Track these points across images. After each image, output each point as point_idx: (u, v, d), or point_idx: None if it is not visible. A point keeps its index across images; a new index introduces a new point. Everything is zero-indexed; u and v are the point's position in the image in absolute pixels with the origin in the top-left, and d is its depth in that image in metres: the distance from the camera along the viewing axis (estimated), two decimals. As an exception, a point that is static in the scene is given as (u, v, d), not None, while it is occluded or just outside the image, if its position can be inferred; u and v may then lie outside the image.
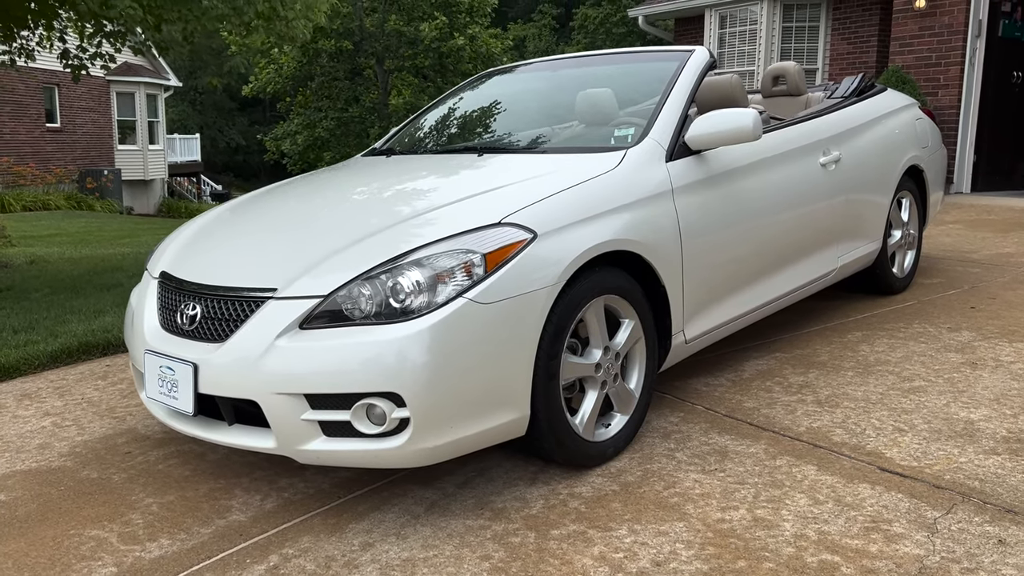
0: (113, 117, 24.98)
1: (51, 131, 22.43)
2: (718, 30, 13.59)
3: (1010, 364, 3.55)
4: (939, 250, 6.04)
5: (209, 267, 2.77)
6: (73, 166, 22.78)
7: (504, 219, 2.55)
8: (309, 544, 2.42)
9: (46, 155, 22.05)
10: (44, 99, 22.29)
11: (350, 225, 2.71)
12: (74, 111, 23.37)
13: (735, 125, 3.09)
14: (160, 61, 26.93)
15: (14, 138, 21.12)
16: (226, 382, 2.46)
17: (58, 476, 2.97)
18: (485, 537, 2.41)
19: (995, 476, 2.58)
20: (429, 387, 2.30)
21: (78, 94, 23.33)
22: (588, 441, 2.74)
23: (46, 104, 22.42)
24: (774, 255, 3.56)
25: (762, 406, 3.24)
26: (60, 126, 22.84)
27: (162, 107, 26.73)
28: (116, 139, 25.16)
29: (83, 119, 23.66)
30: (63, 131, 22.91)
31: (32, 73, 21.06)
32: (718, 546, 2.29)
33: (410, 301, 2.37)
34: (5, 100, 20.73)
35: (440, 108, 4.14)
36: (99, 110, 24.36)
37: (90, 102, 23.99)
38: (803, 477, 2.65)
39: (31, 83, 21.45)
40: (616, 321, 2.88)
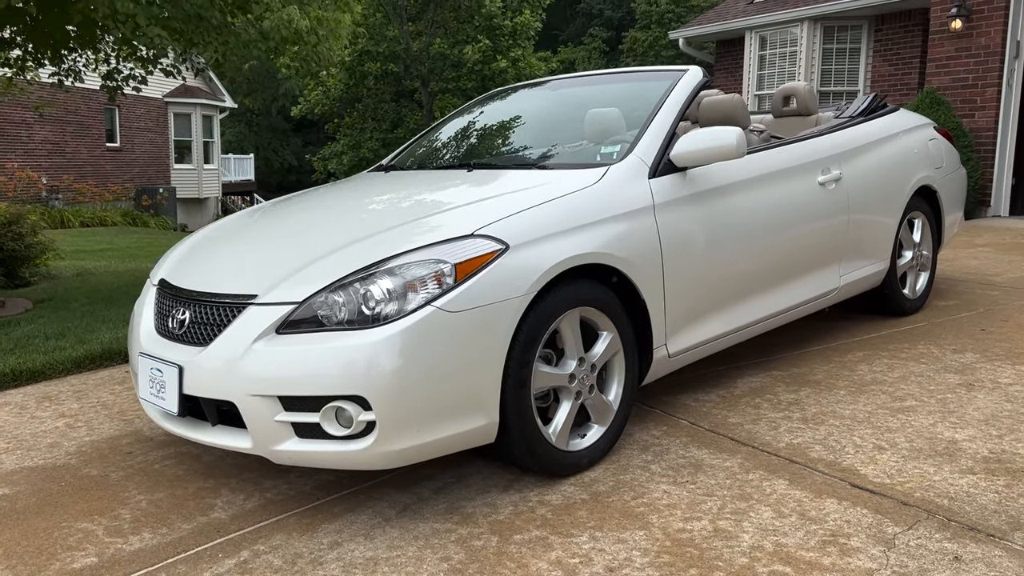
0: (170, 137, 25.76)
1: (111, 150, 23.23)
2: (758, 52, 13.57)
3: (1008, 386, 3.50)
4: (963, 272, 5.95)
5: (201, 275, 2.91)
6: (130, 184, 23.54)
7: (477, 231, 2.63)
8: (281, 542, 2.51)
9: (105, 173, 22.83)
10: (105, 119, 23.11)
11: (332, 236, 2.82)
12: (133, 131, 24.18)
13: (719, 143, 3.13)
14: (216, 83, 27.80)
15: (76, 157, 21.92)
16: (207, 384, 2.58)
17: (61, 473, 3.12)
18: (449, 540, 2.47)
19: (966, 495, 2.56)
20: (394, 391, 2.38)
21: (137, 115, 24.15)
22: (561, 450, 2.79)
23: (107, 124, 23.24)
24: (767, 272, 3.57)
25: (746, 422, 3.25)
26: (119, 145, 23.64)
27: (217, 128, 27.50)
28: (172, 158, 25.93)
29: (141, 139, 24.45)
30: (122, 150, 23.70)
31: (94, 95, 21.90)
32: (673, 554, 2.32)
33: (381, 308, 2.46)
34: (68, 120, 21.56)
35: (444, 127, 4.26)
36: (157, 130, 25.15)
37: (148, 122, 24.80)
38: (772, 491, 2.66)
39: (93, 104, 22.28)
40: (595, 333, 2.93)
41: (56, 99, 20.76)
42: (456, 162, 3.73)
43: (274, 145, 44.66)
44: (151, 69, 6.07)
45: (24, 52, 6.63)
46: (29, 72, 7.21)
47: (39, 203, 19.63)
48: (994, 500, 2.52)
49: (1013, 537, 2.30)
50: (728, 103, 4.19)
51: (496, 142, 3.91)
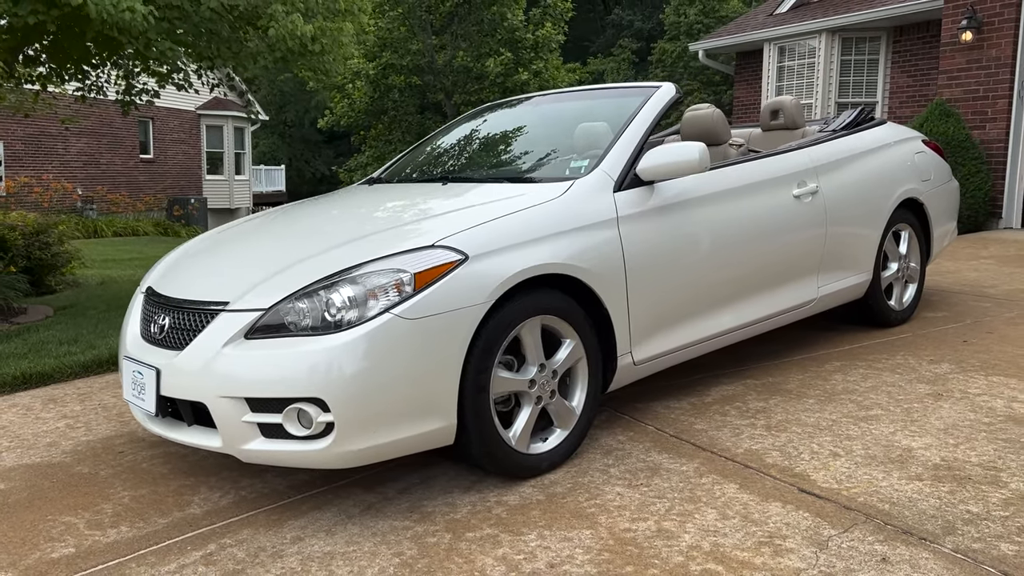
0: (202, 149, 26.29)
1: (144, 162, 23.77)
2: (777, 63, 13.59)
3: (975, 396, 3.55)
4: (959, 284, 5.96)
5: (182, 283, 3.07)
6: (162, 195, 24.05)
7: (437, 242, 2.76)
8: (247, 536, 2.65)
9: (138, 184, 23.37)
10: (139, 132, 23.66)
11: (304, 246, 2.97)
12: (166, 143, 24.71)
13: (681, 158, 3.24)
14: (249, 96, 28.34)
15: (110, 168, 22.47)
16: (182, 386, 2.73)
17: (55, 470, 3.29)
18: (405, 537, 2.59)
19: (908, 500, 2.63)
20: (351, 394, 2.51)
21: (171, 127, 24.69)
22: (521, 453, 2.91)
23: (140, 136, 23.79)
24: (738, 283, 3.66)
25: (711, 428, 3.34)
26: (152, 157, 24.17)
27: (248, 139, 27.98)
28: (205, 169, 26.45)
29: (174, 150, 24.98)
30: (155, 162, 24.24)
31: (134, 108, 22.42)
32: (614, 552, 2.42)
33: (342, 315, 2.60)
34: (103, 133, 22.12)
35: (431, 142, 4.41)
36: (189, 142, 25.68)
37: (181, 134, 25.33)
38: (721, 494, 2.75)
39: (127, 117, 22.80)
40: (559, 340, 3.04)
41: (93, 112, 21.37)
42: (435, 176, 3.87)
43: (306, 156, 45.30)
44: (163, 84, 6.30)
45: (49, 69, 6.90)
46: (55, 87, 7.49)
47: (74, 213, 20.17)
48: (934, 506, 2.58)
49: (944, 541, 2.37)
50: (708, 118, 4.29)
51: (473, 157, 4.04)
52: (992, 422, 3.25)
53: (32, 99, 7.78)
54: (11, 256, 8.47)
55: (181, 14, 5.31)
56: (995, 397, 3.53)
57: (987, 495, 2.64)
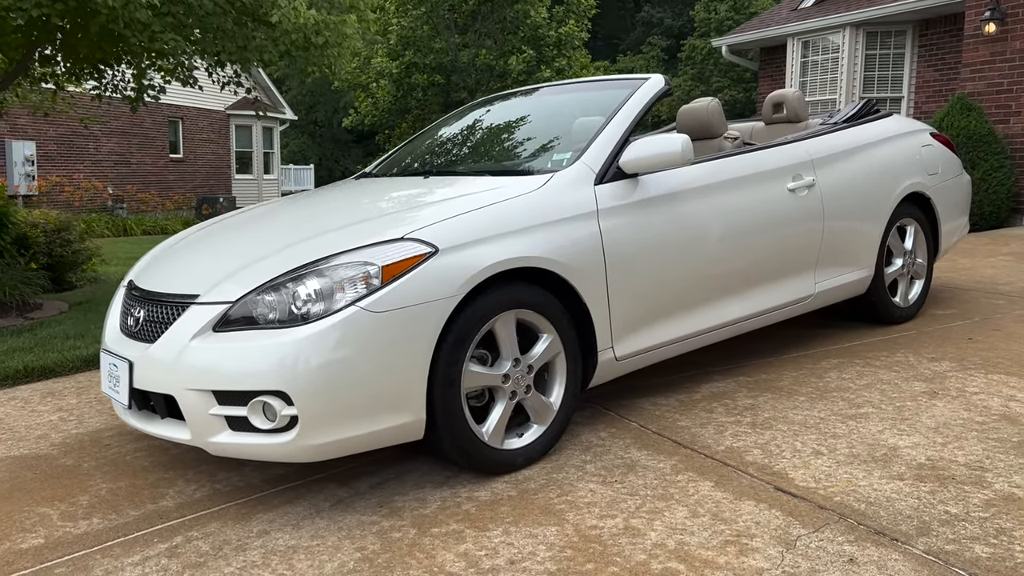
0: (231, 148, 26.56)
1: (174, 161, 24.07)
2: (800, 58, 13.40)
3: (972, 395, 3.45)
4: (973, 281, 5.81)
5: (160, 276, 3.08)
6: (192, 194, 24.34)
7: (407, 234, 2.73)
8: (215, 529, 2.65)
9: (168, 183, 23.67)
10: (169, 132, 23.97)
11: (278, 238, 2.96)
12: (196, 143, 25.00)
13: (664, 150, 3.18)
14: (277, 96, 28.58)
15: (140, 168, 22.78)
16: (152, 378, 2.74)
17: (40, 462, 3.32)
18: (370, 532, 2.57)
19: (886, 500, 2.56)
20: (315, 387, 2.50)
21: (200, 127, 24.98)
22: (495, 448, 2.87)
23: (170, 136, 24.09)
24: (728, 278, 3.59)
25: (695, 425, 3.28)
26: (182, 156, 24.47)
27: (277, 139, 28.22)
28: (234, 169, 26.72)
29: (203, 150, 25.27)
30: (184, 161, 24.53)
31: (158, 108, 22.76)
32: (577, 549, 2.38)
33: (308, 308, 2.59)
34: (134, 133, 22.43)
35: (423, 136, 4.39)
36: (219, 141, 25.96)
37: (211, 134, 25.61)
38: (695, 492, 2.70)
39: (158, 117, 23.13)
40: (536, 335, 3.01)
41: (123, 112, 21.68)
42: (420, 170, 3.84)
43: (336, 155, 45.66)
44: (169, 80, 6.36)
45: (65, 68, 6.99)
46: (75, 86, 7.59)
47: (104, 212, 20.49)
48: (912, 506, 2.51)
49: (916, 542, 2.29)
50: (704, 110, 4.22)
51: (460, 151, 4.02)
52: (985, 421, 3.16)
53: (51, 99, 7.88)
54: (32, 253, 8.60)
55: (185, 8, 5.35)
56: (992, 396, 3.43)
57: (968, 496, 2.56)
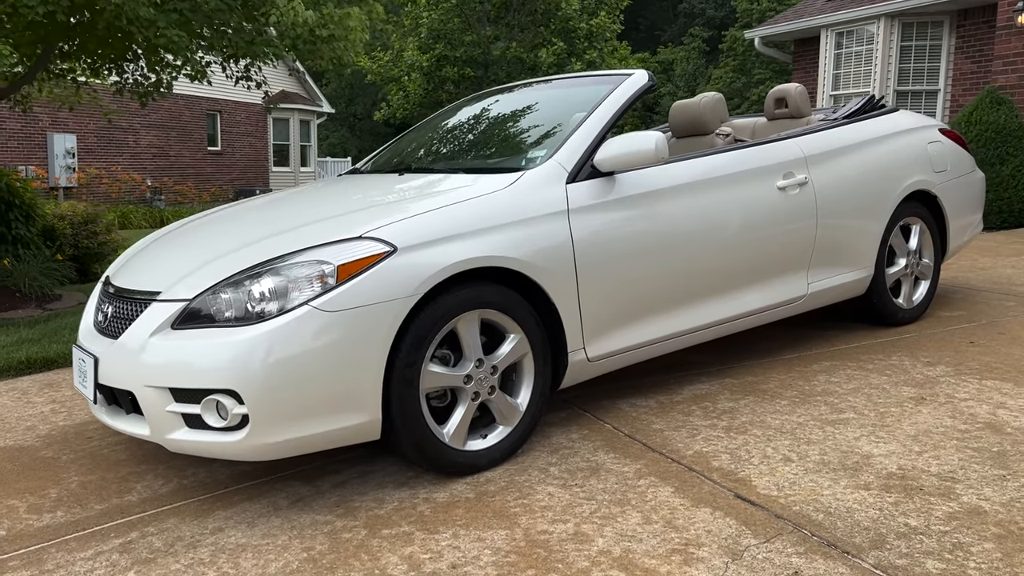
0: (269, 141, 26.85)
1: (212, 154, 24.41)
2: (834, 50, 13.13)
3: (960, 401, 3.34)
4: (989, 281, 5.64)
5: (131, 272, 3.10)
6: (229, 186, 24.67)
7: (365, 233, 2.72)
8: (171, 525, 2.67)
9: (206, 176, 24.02)
10: (207, 124, 24.31)
11: (243, 235, 2.96)
12: (234, 135, 25.32)
13: (637, 148, 3.12)
14: (315, 89, 28.83)
15: (178, 160, 23.15)
16: (115, 374, 2.76)
17: (21, 453, 3.38)
18: (322, 531, 2.57)
19: (846, 510, 2.48)
20: (265, 386, 2.49)
21: (238, 120, 25.29)
22: (456, 450, 2.85)
23: (208, 129, 24.43)
24: (710, 278, 3.52)
25: (669, 428, 3.22)
26: (220, 149, 24.81)
27: (314, 132, 28.46)
28: (271, 161, 27.02)
29: (241, 143, 25.58)
30: (223, 154, 24.87)
31: (197, 101, 23.13)
32: (521, 555, 2.34)
33: (263, 306, 2.58)
34: (172, 126, 22.80)
35: (411, 133, 4.37)
36: (256, 134, 26.26)
37: (248, 127, 25.92)
38: (653, 497, 2.65)
39: (196, 110, 23.48)
40: (503, 335, 2.97)
41: (162, 106, 22.07)
42: (401, 166, 3.82)
43: (374, 148, 45.96)
44: (176, 75, 6.44)
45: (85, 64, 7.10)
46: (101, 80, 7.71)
47: (142, 204, 20.86)
48: (871, 517, 2.43)
49: (867, 556, 2.22)
50: (695, 107, 4.15)
51: (441, 147, 3.99)
52: (968, 429, 3.05)
53: (76, 93, 8.03)
54: (59, 245, 8.78)
55: (192, 4, 5.39)
56: (982, 403, 3.32)
57: (933, 508, 2.47)
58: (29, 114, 18.59)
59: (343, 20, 5.60)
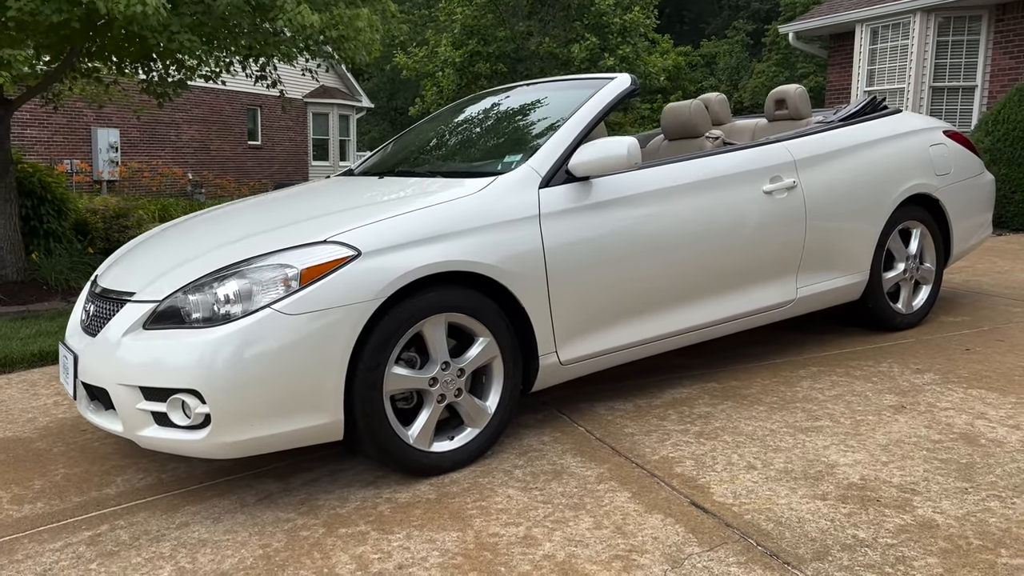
0: (308, 136, 27.19)
1: (252, 148, 24.80)
2: (869, 46, 12.89)
3: (940, 411, 3.29)
4: (1001, 286, 5.52)
5: (115, 272, 3.20)
6: (268, 180, 25.04)
7: (330, 237, 2.77)
8: (141, 519, 2.75)
9: (246, 170, 24.41)
10: (248, 119, 24.70)
11: (219, 238, 3.04)
12: (274, 130, 25.69)
13: (609, 153, 3.13)
14: (354, 84, 29.11)
15: (220, 154, 23.57)
16: (92, 371, 2.86)
17: (16, 444, 3.50)
18: (282, 529, 2.63)
19: (797, 520, 2.47)
20: (226, 387, 2.57)
21: (278, 114, 25.64)
22: (420, 451, 2.89)
23: (249, 124, 24.82)
24: (690, 282, 3.51)
25: (640, 432, 3.23)
26: (260, 143, 25.19)
27: (353, 126, 28.74)
28: (311, 156, 27.36)
29: (281, 137, 25.95)
30: (263, 148, 25.25)
31: (237, 97, 23.51)
32: (468, 557, 2.38)
33: (228, 308, 2.66)
34: (213, 121, 23.21)
35: (402, 136, 4.43)
36: (296, 129, 26.61)
37: (288, 122, 26.27)
38: (609, 502, 2.66)
39: (236, 105, 23.87)
40: (472, 338, 3.01)
41: (204, 101, 22.51)
42: (383, 170, 3.87)
43: (415, 142, 46.24)
44: (191, 76, 6.58)
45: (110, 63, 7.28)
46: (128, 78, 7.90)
47: (183, 197, 21.29)
48: (821, 528, 2.42)
49: (807, 567, 2.22)
50: (686, 110, 4.14)
51: (423, 151, 4.03)
52: (941, 440, 3.01)
53: (105, 91, 8.23)
54: (90, 238, 9.02)
55: (204, 8, 5.51)
56: (962, 412, 3.27)
57: (885, 520, 2.45)
58: (74, 109, 19.11)
59: (352, 21, 5.67)
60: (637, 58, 18.50)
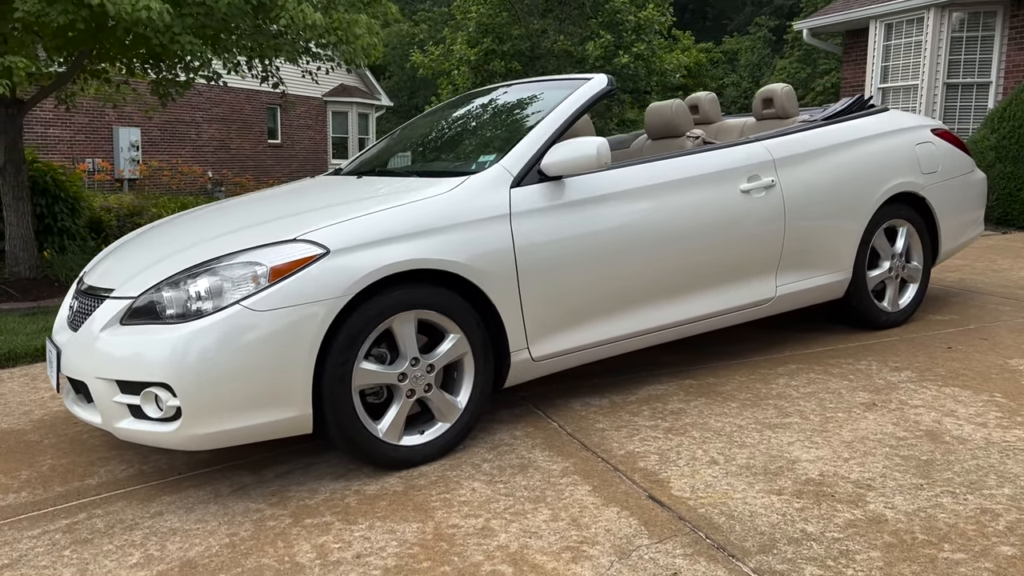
0: (328, 134, 27.40)
1: (271, 146, 25.04)
2: (883, 42, 12.81)
3: (910, 409, 3.32)
4: (997, 284, 5.50)
5: (99, 270, 3.30)
6: (288, 178, 25.25)
7: (300, 236, 2.85)
8: (118, 508, 2.85)
9: (265, 168, 24.65)
10: (267, 118, 24.94)
11: (196, 235, 3.13)
12: (293, 129, 25.92)
13: (579, 153, 3.19)
14: (373, 82, 29.29)
15: (239, 153, 23.83)
16: (72, 364, 2.95)
17: (9, 436, 3.62)
18: (250, 519, 2.72)
19: (749, 515, 2.52)
20: (195, 381, 2.65)
21: (298, 113, 25.86)
22: (389, 444, 2.97)
23: (269, 123, 25.06)
24: (665, 280, 3.55)
25: (611, 428, 3.28)
26: (280, 142, 25.43)
27: (373, 125, 28.91)
28: (330, 154, 27.56)
29: (301, 136, 26.18)
30: (282, 147, 25.49)
31: (257, 95, 23.74)
32: (424, 547, 2.45)
33: (200, 305, 2.74)
34: (233, 119, 23.47)
35: (387, 137, 4.50)
36: (316, 128, 26.83)
37: (308, 120, 26.49)
38: (569, 496, 2.72)
39: (256, 104, 24.11)
40: (443, 335, 3.08)
41: (224, 100, 22.76)
42: (366, 169, 3.95)
43: (436, 140, 46.41)
44: (193, 78, 6.71)
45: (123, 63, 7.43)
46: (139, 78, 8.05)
47: (203, 194, 21.55)
48: (771, 522, 2.46)
49: (751, 560, 2.26)
50: (668, 110, 4.18)
51: (404, 152, 4.10)
52: (906, 437, 3.04)
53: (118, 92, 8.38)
54: (104, 236, 9.19)
55: (205, 10, 5.62)
56: (932, 410, 3.29)
57: (835, 515, 2.49)
58: (96, 109, 19.40)
59: (351, 26, 5.75)
60: (653, 55, 18.48)
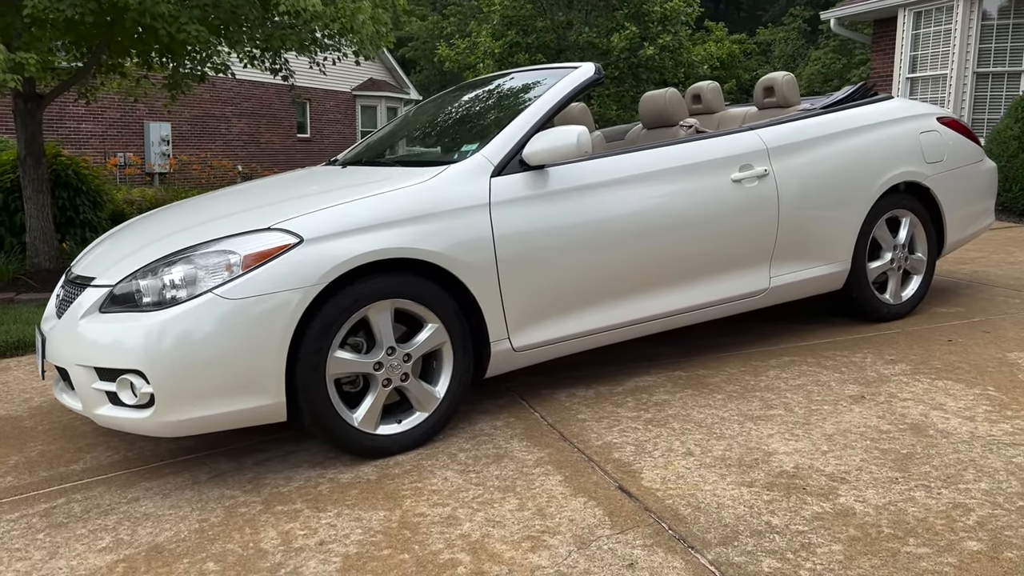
0: (357, 128, 27.56)
1: (301, 140, 25.25)
2: (911, 31, 12.56)
3: (898, 402, 3.25)
4: (1009, 277, 5.37)
5: (87, 259, 3.35)
6: (316, 172, 25.45)
7: (274, 224, 2.86)
8: (97, 494, 2.89)
9: (295, 162, 24.85)
10: (297, 113, 25.14)
11: (176, 224, 3.16)
12: (323, 123, 26.11)
13: (560, 142, 3.16)
14: (402, 76, 29.41)
15: (269, 147, 24.05)
16: (55, 352, 3.00)
17: (5, 423, 3.68)
18: (223, 505, 2.74)
19: (716, 507, 2.49)
20: (167, 368, 2.68)
21: (327, 107, 26.06)
22: (365, 433, 2.97)
23: (299, 117, 25.27)
24: (651, 271, 3.52)
25: (592, 419, 3.26)
26: (309, 136, 25.63)
27: (401, 118, 28.99)
28: (359, 148, 27.71)
29: (330, 130, 26.36)
30: (311, 140, 25.68)
31: (286, 90, 23.93)
32: (387, 535, 2.45)
33: (175, 293, 2.77)
34: (263, 114, 23.69)
35: (382, 128, 4.51)
36: (344, 121, 27.00)
37: (337, 114, 26.67)
38: (539, 486, 2.71)
39: (286, 98, 24.31)
40: (422, 324, 3.08)
41: (253, 95, 23.00)
42: (340, 160, 3.96)
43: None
44: (199, 68, 6.77)
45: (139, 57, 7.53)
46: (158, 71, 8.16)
47: (233, 189, 21.83)
48: (737, 514, 2.43)
49: (710, 551, 2.23)
50: (661, 99, 4.13)
51: (391, 142, 4.10)
52: (889, 431, 2.98)
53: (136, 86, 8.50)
54: (126, 229, 9.32)
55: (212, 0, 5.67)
56: (920, 404, 3.22)
57: (803, 508, 2.45)
58: (127, 104, 19.69)
59: (354, 14, 5.77)
60: (680, 47, 18.30)
